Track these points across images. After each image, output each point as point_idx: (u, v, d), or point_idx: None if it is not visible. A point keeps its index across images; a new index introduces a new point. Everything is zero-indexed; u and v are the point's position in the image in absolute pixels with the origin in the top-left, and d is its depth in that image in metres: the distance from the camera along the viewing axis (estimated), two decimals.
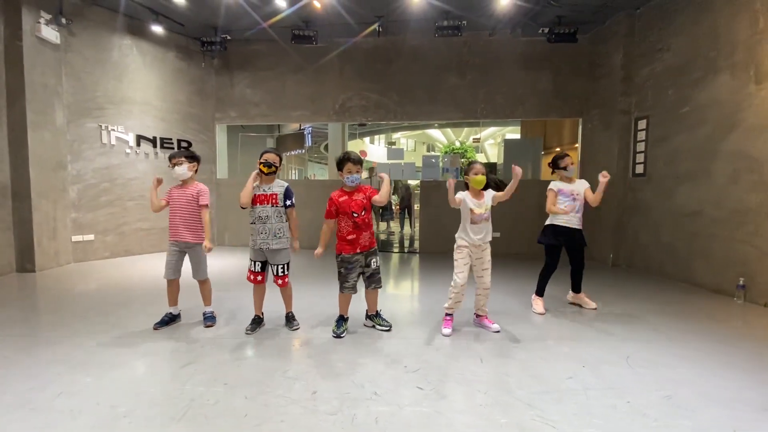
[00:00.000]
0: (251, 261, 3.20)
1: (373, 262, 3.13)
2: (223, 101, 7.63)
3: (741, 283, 4.15)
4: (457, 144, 23.17)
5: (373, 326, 3.32)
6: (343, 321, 3.21)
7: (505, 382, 2.40)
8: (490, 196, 3.21)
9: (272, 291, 3.37)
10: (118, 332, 3.18)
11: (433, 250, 7.18)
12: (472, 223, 3.15)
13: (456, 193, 3.15)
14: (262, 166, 3.09)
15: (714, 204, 4.61)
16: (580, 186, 3.74)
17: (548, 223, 3.81)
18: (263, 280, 3.25)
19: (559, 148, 11.20)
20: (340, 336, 3.10)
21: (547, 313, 3.74)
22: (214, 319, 3.39)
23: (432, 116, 7.51)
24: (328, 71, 7.37)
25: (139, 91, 6.60)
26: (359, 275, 3.14)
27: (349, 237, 3.05)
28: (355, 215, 3.03)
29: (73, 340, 3.02)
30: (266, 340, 3.08)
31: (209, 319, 3.35)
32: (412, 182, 10.46)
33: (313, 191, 7.44)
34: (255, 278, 3.22)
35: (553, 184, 3.75)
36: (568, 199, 3.69)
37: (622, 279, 5.27)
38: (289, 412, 2.07)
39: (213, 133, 7.68)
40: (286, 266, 3.21)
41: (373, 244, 3.15)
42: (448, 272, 3.39)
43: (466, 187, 3.24)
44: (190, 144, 7.24)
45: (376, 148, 23.04)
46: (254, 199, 3.12)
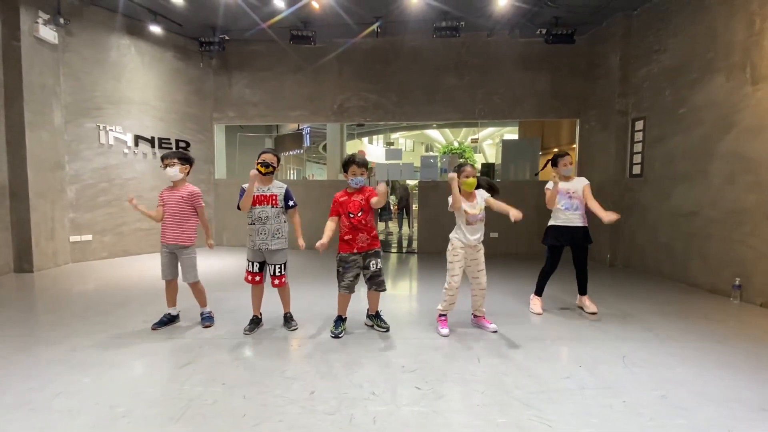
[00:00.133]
0: (249, 262, 3.21)
1: (372, 264, 3.14)
2: (222, 101, 7.63)
3: (737, 283, 4.18)
4: (456, 144, 23.20)
5: (373, 326, 3.34)
6: (342, 321, 3.22)
7: (502, 382, 2.42)
8: (482, 197, 3.23)
9: (271, 291, 3.38)
10: (117, 332, 3.19)
11: (432, 250, 7.18)
12: (468, 224, 3.17)
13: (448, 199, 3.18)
14: (260, 167, 3.11)
15: (710, 204, 4.63)
16: (578, 184, 3.72)
17: (550, 224, 3.79)
18: (261, 281, 3.26)
19: (556, 149, 11.24)
20: (338, 336, 3.11)
21: (544, 313, 3.76)
22: (212, 320, 3.40)
23: (430, 117, 7.52)
24: (327, 72, 7.38)
25: (138, 91, 6.59)
26: (357, 276, 3.15)
27: (346, 237, 3.10)
28: (351, 216, 3.07)
29: (71, 340, 3.02)
30: (265, 340, 3.09)
31: (207, 320, 3.36)
32: (411, 182, 10.49)
33: (312, 191, 7.44)
34: (253, 279, 3.22)
35: (550, 183, 3.75)
36: (564, 197, 3.68)
37: (619, 279, 5.29)
38: (287, 411, 2.08)
39: (211, 133, 7.68)
40: (283, 266, 3.23)
41: (374, 246, 3.16)
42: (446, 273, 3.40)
43: (450, 174, 3.23)
44: (188, 144, 7.24)
45: (374, 149, 23.08)
46: (253, 200, 3.13)
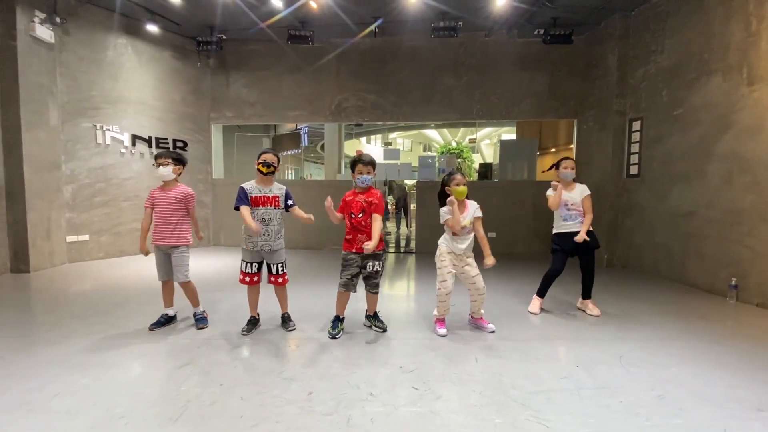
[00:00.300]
0: (246, 263, 3.20)
1: (369, 266, 3.14)
2: (219, 101, 7.61)
3: (733, 283, 4.20)
4: (454, 144, 23.21)
5: (371, 327, 3.34)
6: (339, 321, 3.22)
7: (500, 382, 2.42)
8: (474, 208, 3.20)
9: (267, 292, 3.38)
10: (115, 333, 3.18)
11: (430, 250, 7.13)
12: (455, 234, 3.17)
13: (441, 213, 3.17)
14: (261, 166, 3.12)
15: (708, 205, 4.65)
16: (577, 195, 3.65)
17: (554, 232, 3.75)
18: (259, 281, 3.27)
19: (554, 149, 11.28)
20: (336, 337, 3.11)
21: (542, 313, 3.77)
22: (206, 320, 3.37)
23: (428, 117, 7.52)
24: (325, 71, 7.37)
25: (135, 90, 6.57)
26: (355, 276, 3.15)
27: (348, 236, 3.15)
28: (353, 216, 3.10)
29: (69, 340, 3.01)
30: (262, 341, 3.08)
31: (200, 321, 3.34)
32: (409, 182, 10.50)
33: (310, 191, 7.44)
34: (251, 279, 3.22)
35: (550, 191, 3.73)
36: (563, 209, 3.64)
37: (616, 279, 5.31)
38: (285, 412, 2.08)
39: (209, 132, 7.66)
40: (284, 264, 3.28)
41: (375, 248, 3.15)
42: None
43: (449, 197, 3.13)
44: (186, 144, 7.22)
45: (372, 148, 23.08)
46: (256, 201, 3.13)
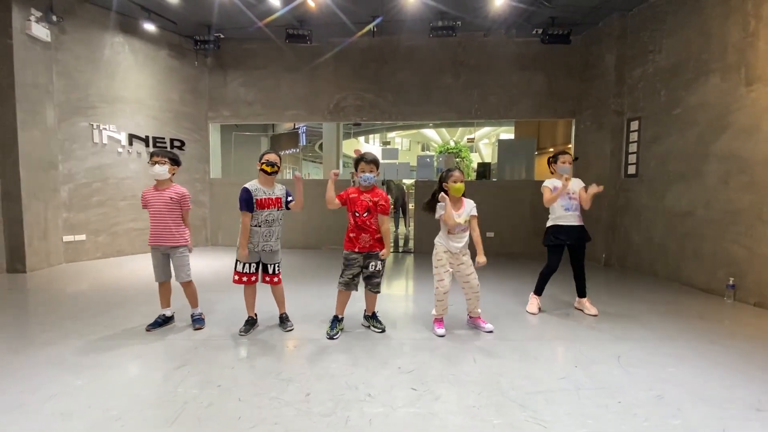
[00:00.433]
0: (243, 263, 3.18)
1: (372, 265, 3.15)
2: (217, 100, 7.59)
3: (731, 282, 4.21)
4: (452, 144, 23.21)
5: (369, 327, 3.33)
6: (338, 322, 3.22)
7: (498, 383, 2.42)
8: (470, 206, 3.20)
9: (264, 292, 3.37)
10: (111, 334, 3.16)
11: (428, 249, 7.08)
12: (450, 233, 3.17)
13: (437, 207, 3.16)
14: (266, 166, 3.11)
15: (705, 205, 4.66)
16: (575, 185, 3.71)
17: (549, 224, 3.77)
18: (256, 280, 3.26)
19: (552, 149, 11.27)
20: (333, 338, 3.10)
21: (540, 313, 3.77)
22: (203, 321, 3.36)
23: (426, 116, 7.51)
24: (323, 71, 7.35)
25: (132, 89, 6.54)
26: (356, 275, 3.15)
27: (351, 234, 3.15)
28: (357, 215, 3.10)
29: (65, 341, 2.99)
30: (260, 341, 3.07)
31: (198, 322, 3.33)
32: (407, 182, 10.48)
33: (309, 190, 7.34)
34: (249, 279, 3.21)
35: (548, 182, 3.73)
36: (565, 198, 3.66)
37: (614, 279, 5.31)
38: (282, 414, 2.07)
39: (206, 132, 7.63)
40: (279, 264, 3.30)
41: (376, 248, 3.14)
42: None
43: (440, 193, 3.15)
44: (183, 143, 7.20)
45: (370, 148, 23.06)
46: (262, 204, 3.13)
